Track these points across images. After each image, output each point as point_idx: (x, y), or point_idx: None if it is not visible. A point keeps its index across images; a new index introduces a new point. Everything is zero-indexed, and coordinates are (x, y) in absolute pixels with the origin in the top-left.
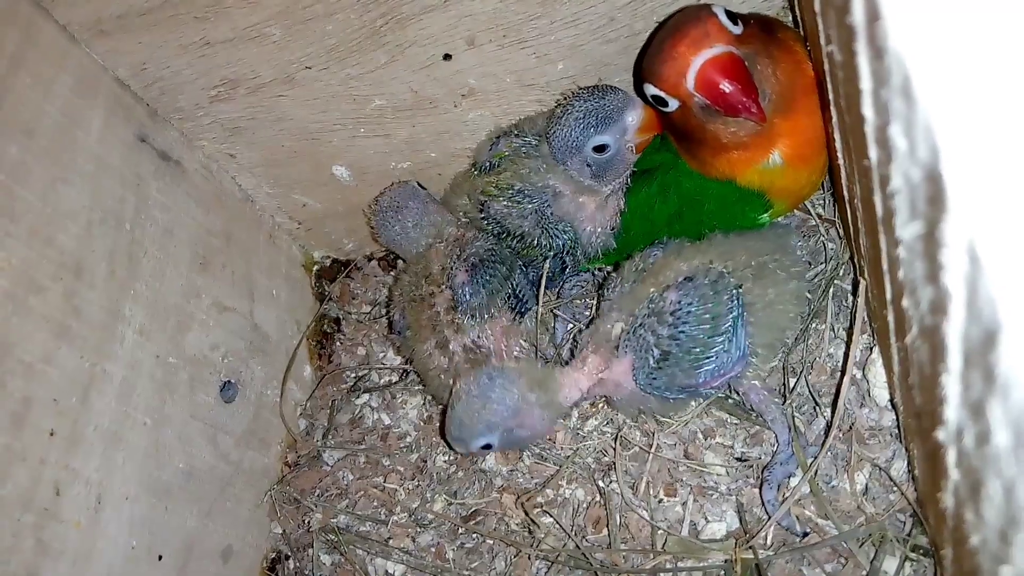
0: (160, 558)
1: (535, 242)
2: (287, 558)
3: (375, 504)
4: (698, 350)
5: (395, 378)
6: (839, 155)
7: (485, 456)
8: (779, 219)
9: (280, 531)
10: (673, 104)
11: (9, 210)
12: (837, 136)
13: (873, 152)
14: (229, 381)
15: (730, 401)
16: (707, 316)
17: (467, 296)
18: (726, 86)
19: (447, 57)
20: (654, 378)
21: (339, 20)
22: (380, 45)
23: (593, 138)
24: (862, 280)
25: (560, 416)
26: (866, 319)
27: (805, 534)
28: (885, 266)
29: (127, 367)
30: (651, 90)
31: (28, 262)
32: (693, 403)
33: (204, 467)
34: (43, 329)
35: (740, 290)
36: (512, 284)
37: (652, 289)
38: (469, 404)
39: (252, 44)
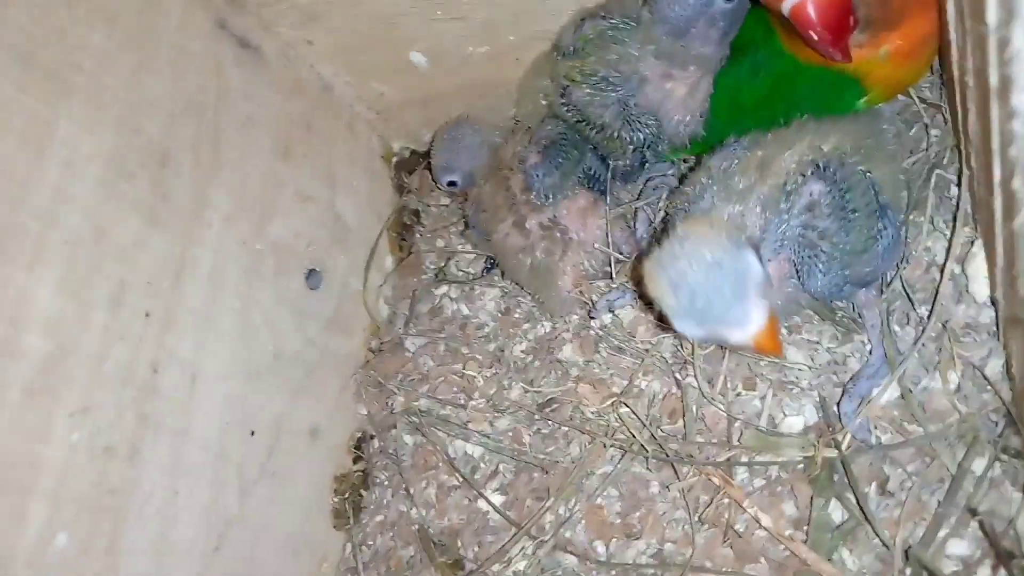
0: (252, 434)
1: (615, 134)
2: (372, 438)
3: (454, 390)
4: (866, 232)
5: (473, 269)
6: (951, 29)
7: (561, 345)
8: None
9: (365, 412)
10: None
11: (97, 99)
12: (951, 6)
13: (992, 13)
14: (313, 269)
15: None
16: (859, 197)
17: (540, 176)
18: (813, 34)
19: None
20: (829, 275)
21: None
22: None
23: None
24: (966, 169)
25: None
26: (969, 210)
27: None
28: (996, 144)
29: (215, 252)
30: None
31: (118, 149)
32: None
33: (291, 350)
34: (134, 215)
35: (871, 174)
36: (584, 166)
37: (773, 181)
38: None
39: None
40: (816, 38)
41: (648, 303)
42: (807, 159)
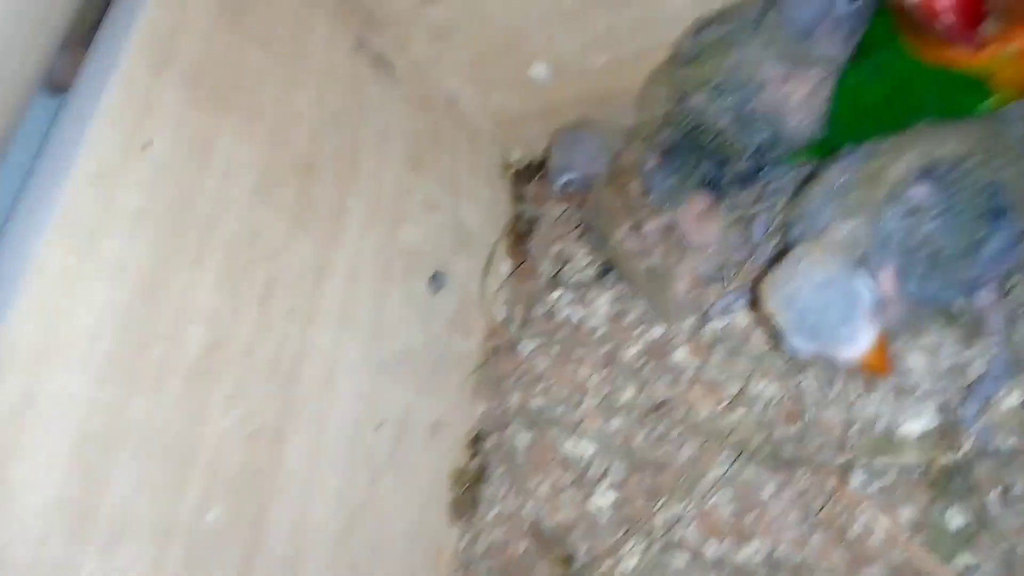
0: (380, 425)
1: (732, 140)
2: (488, 435)
3: (567, 390)
4: (968, 236)
5: (587, 274)
6: None
7: (674, 349)
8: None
9: (482, 410)
10: None
11: (252, 114)
12: None
13: None
14: (437, 272)
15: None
16: (965, 200)
17: (658, 180)
18: (942, 20)
19: None
20: (930, 279)
21: None
22: None
23: None
24: None
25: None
26: None
27: None
28: None
29: (352, 255)
30: None
31: (269, 160)
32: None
33: (417, 348)
34: (283, 219)
35: (999, 174)
36: (702, 171)
37: (884, 189)
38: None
39: None
40: (946, 22)
41: (763, 320)
42: (917, 165)
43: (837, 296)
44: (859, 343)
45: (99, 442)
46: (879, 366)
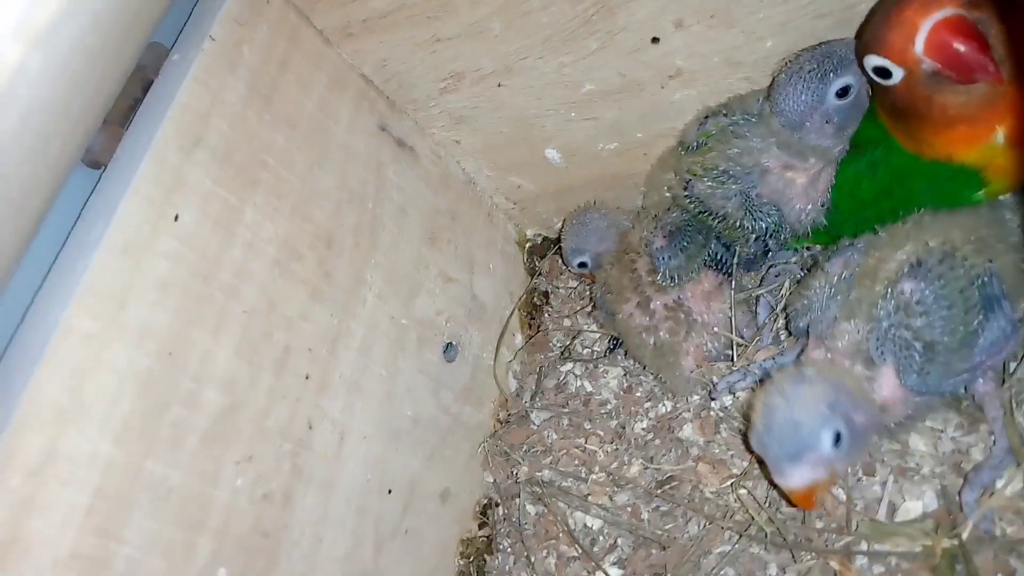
0: (389, 492)
1: (738, 224)
2: (497, 505)
3: (576, 463)
4: (961, 328)
5: (598, 348)
6: None
7: (682, 425)
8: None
9: (491, 480)
10: (897, 75)
11: (277, 190)
12: None
13: None
14: (451, 343)
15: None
16: (955, 292)
17: (666, 259)
18: (960, 46)
19: (655, 40)
20: (927, 372)
21: (554, 12)
22: (591, 33)
23: (834, 82)
24: None
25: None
26: None
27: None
28: None
29: (367, 325)
30: (873, 61)
31: (290, 234)
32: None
33: (428, 417)
34: (301, 290)
35: (992, 264)
36: (709, 251)
37: (879, 287)
38: (786, 417)
39: (476, 39)
40: (963, 51)
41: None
42: (908, 260)
43: (796, 436)
44: (790, 480)
45: (114, 501)
46: (803, 503)
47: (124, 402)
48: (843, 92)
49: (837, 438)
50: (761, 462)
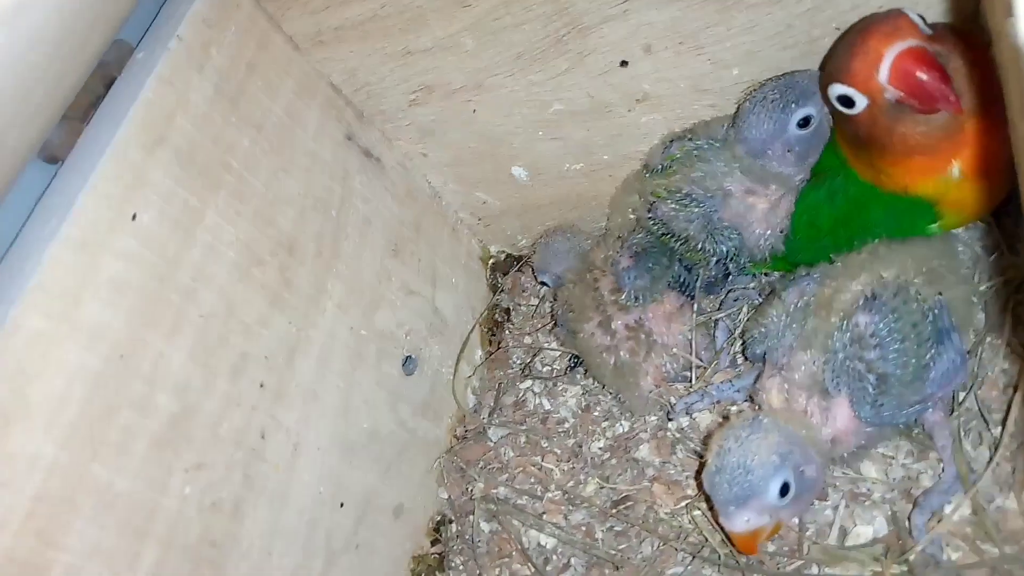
0: (342, 505)
1: (699, 246)
2: (450, 522)
3: (532, 480)
4: (914, 361)
5: (558, 366)
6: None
7: (639, 445)
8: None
9: (446, 496)
10: (861, 104)
11: (240, 194)
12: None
13: None
14: (410, 356)
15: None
16: (908, 326)
17: (631, 279)
18: (923, 75)
19: (624, 64)
20: (881, 404)
21: (526, 30)
22: (562, 53)
23: (796, 112)
24: None
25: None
26: None
27: None
28: None
29: (326, 335)
30: (837, 90)
31: (252, 238)
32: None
33: (385, 430)
34: (261, 296)
35: (941, 296)
36: (674, 272)
37: (834, 319)
38: (736, 468)
39: (448, 53)
40: (925, 79)
41: None
42: (862, 292)
43: (745, 481)
44: (735, 524)
45: (56, 505)
46: (744, 547)
47: (72, 404)
48: (804, 122)
49: (784, 489)
50: (710, 502)
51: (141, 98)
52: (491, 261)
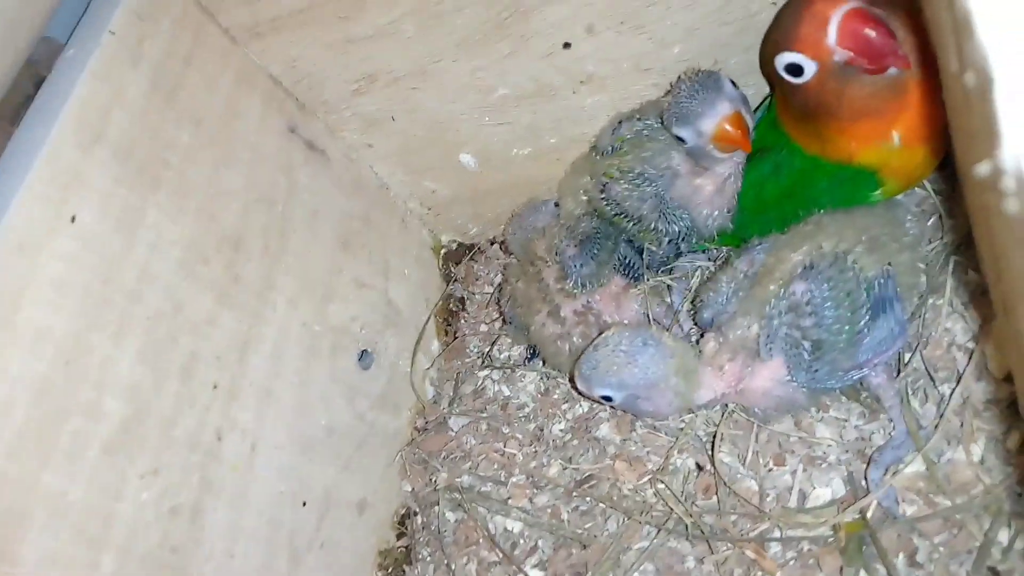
0: (304, 504)
1: (652, 226)
2: (415, 514)
3: (495, 467)
4: (847, 328)
5: (515, 353)
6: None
7: (598, 424)
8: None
9: (409, 489)
10: (810, 70)
11: (181, 190)
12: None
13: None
14: (366, 350)
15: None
16: (842, 295)
17: (577, 267)
18: (871, 31)
19: (567, 45)
20: (816, 370)
21: (467, 14)
22: (504, 36)
23: (673, 128)
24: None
25: (684, 410)
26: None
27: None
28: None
29: (278, 331)
30: (786, 58)
31: (196, 235)
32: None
33: (343, 425)
34: (208, 294)
35: (890, 266)
36: (619, 255)
37: (773, 287)
38: (613, 355)
39: (388, 40)
40: (874, 36)
41: None
42: (801, 261)
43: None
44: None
45: (6, 517)
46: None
47: (18, 411)
48: (679, 139)
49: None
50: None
51: (74, 95)
52: (443, 251)
